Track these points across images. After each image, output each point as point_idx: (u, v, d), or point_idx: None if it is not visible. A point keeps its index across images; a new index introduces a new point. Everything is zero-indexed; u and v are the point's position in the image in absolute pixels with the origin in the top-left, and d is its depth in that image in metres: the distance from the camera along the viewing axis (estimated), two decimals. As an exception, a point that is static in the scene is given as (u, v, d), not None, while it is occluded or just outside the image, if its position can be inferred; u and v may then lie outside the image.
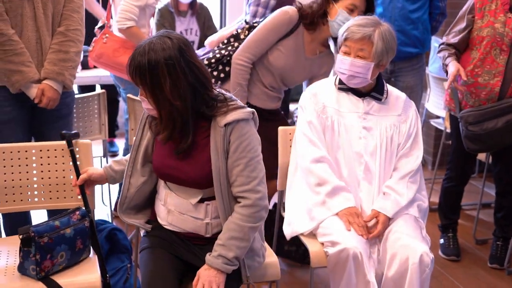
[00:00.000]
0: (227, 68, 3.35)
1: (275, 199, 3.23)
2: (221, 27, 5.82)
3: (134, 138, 2.47)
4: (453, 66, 3.36)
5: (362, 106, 2.77)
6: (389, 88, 2.85)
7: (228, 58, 3.34)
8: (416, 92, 4.18)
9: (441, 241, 3.91)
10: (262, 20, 3.34)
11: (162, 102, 2.19)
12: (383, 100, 2.79)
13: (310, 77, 3.40)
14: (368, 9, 3.17)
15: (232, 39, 3.42)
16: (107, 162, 4.11)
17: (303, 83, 3.53)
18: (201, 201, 2.33)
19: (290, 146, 2.92)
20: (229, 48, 3.37)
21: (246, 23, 3.53)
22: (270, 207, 3.32)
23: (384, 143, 2.73)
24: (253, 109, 2.31)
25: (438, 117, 4.99)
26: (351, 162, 2.72)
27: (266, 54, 3.28)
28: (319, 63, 3.36)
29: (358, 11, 3.13)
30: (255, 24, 3.38)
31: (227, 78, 3.33)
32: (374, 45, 2.66)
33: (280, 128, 2.96)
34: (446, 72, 3.45)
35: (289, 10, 3.24)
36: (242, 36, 3.38)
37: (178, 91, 2.17)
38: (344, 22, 2.94)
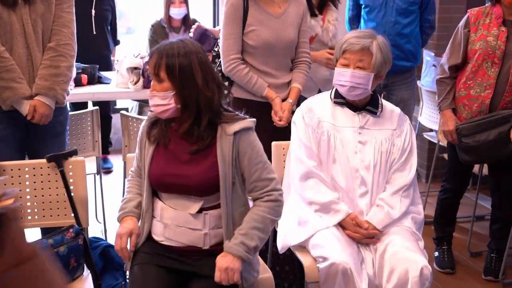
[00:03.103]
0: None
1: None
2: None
3: (135, 162, 2.48)
4: (450, 122, 3.51)
5: (357, 120, 2.77)
6: (384, 102, 2.87)
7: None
8: (409, 106, 4.21)
9: (436, 254, 3.90)
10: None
11: (191, 93, 2.24)
12: (378, 114, 2.80)
13: (298, 31, 3.40)
14: None
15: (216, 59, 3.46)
16: (100, 179, 4.10)
17: None
18: (199, 211, 2.32)
19: (284, 161, 2.92)
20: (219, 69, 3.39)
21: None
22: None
23: (379, 157, 2.74)
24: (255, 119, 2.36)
25: (431, 130, 5.00)
26: (347, 176, 2.72)
27: (245, 44, 3.29)
28: (290, 12, 3.37)
29: None
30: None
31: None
32: (374, 56, 2.68)
33: (274, 143, 2.96)
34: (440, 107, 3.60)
35: None
36: (218, 51, 3.42)
37: (208, 82, 2.26)
38: None
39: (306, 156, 2.73)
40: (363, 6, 4.27)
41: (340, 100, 2.80)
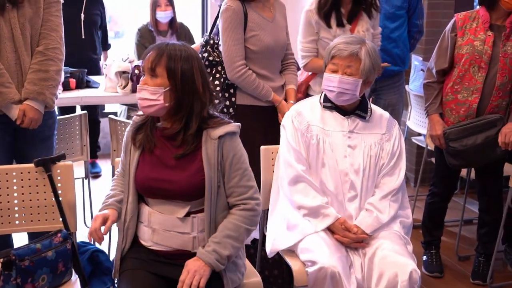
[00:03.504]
0: (233, 99, 3.37)
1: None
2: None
3: (120, 165, 2.48)
4: (438, 127, 3.52)
5: (347, 124, 2.78)
6: (373, 106, 2.88)
7: (227, 87, 3.36)
8: (397, 110, 4.22)
9: (424, 257, 3.91)
10: (218, 33, 3.38)
11: (188, 97, 2.26)
12: (367, 118, 2.81)
13: (286, 33, 3.47)
14: None
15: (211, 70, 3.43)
16: (88, 184, 4.08)
17: None
18: (187, 214, 2.32)
19: (273, 165, 2.92)
20: (218, 76, 3.38)
21: (205, 45, 3.49)
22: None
23: (368, 161, 2.75)
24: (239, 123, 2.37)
25: (419, 134, 5.03)
26: (337, 180, 2.72)
27: (247, 49, 3.30)
28: (278, 16, 3.42)
29: None
30: (212, 42, 3.42)
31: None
32: (362, 62, 2.70)
33: (263, 147, 2.96)
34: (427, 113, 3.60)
35: (229, 4, 3.27)
36: (215, 59, 3.39)
37: (205, 89, 2.29)
38: None
39: (295, 160, 2.74)
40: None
41: (329, 104, 2.81)
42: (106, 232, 2.32)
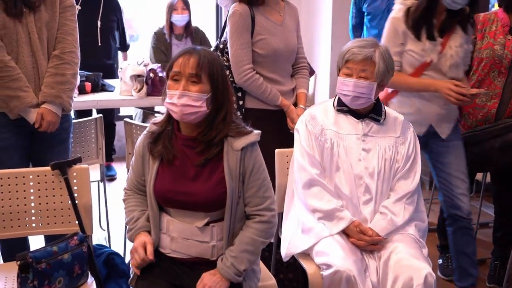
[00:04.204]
0: (240, 102, 3.37)
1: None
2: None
3: (132, 176, 2.45)
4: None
5: (361, 127, 2.78)
6: (387, 109, 2.87)
7: (235, 90, 3.36)
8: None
9: (440, 261, 3.89)
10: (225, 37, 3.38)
11: (223, 102, 2.29)
12: (381, 122, 2.80)
13: (296, 36, 3.45)
14: None
15: None
16: (104, 187, 4.10)
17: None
18: (206, 223, 2.33)
19: (287, 168, 2.92)
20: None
21: (215, 50, 3.52)
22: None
23: (383, 165, 2.74)
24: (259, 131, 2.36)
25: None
26: (351, 183, 2.72)
27: (254, 53, 3.31)
28: (288, 19, 3.40)
29: None
30: (222, 46, 3.43)
31: None
32: (376, 65, 2.69)
33: (277, 151, 2.97)
34: None
35: (236, 8, 3.28)
36: (224, 63, 3.40)
37: (232, 92, 2.33)
38: None
39: (309, 164, 2.74)
40: (365, 14, 4.28)
41: (343, 107, 2.80)
42: (153, 258, 2.31)
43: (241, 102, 3.36)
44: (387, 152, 2.76)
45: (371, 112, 2.79)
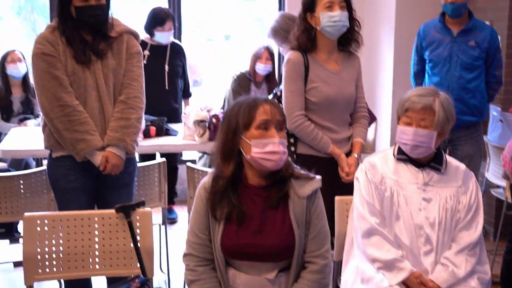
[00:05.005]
0: (292, 148, 3.40)
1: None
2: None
3: (192, 237, 2.39)
4: None
5: (421, 177, 2.75)
6: (448, 158, 2.84)
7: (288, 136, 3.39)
8: (475, 161, 4.14)
9: (504, 315, 3.78)
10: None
11: None
12: (442, 171, 2.77)
13: (355, 86, 3.44)
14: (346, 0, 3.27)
15: None
16: (165, 230, 4.16)
17: None
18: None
19: (347, 216, 2.91)
20: None
21: (273, 97, 3.64)
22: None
23: (444, 215, 2.70)
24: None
25: (498, 186, 4.90)
26: (412, 233, 2.69)
27: (307, 100, 3.34)
28: (347, 69, 3.41)
29: (338, 5, 3.23)
30: (279, 93, 3.51)
31: None
32: (436, 114, 2.67)
33: (337, 198, 2.96)
34: None
35: (289, 57, 3.34)
36: None
37: None
38: (332, 21, 3.18)
39: (369, 213, 2.72)
40: (427, 61, 4.27)
41: (403, 156, 2.79)
42: None
43: (292, 148, 3.38)
44: (449, 202, 2.72)
45: (432, 161, 2.77)
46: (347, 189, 3.18)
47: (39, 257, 2.67)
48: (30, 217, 2.69)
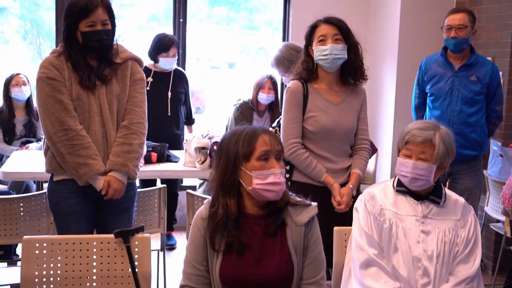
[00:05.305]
0: (287, 175, 3.40)
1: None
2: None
3: (189, 268, 2.37)
4: None
5: (420, 209, 2.76)
6: (447, 191, 2.84)
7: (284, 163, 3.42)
8: (474, 195, 4.16)
9: None
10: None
11: None
12: (441, 204, 2.78)
13: (357, 118, 3.47)
14: (343, 33, 3.31)
15: None
16: (164, 256, 4.15)
17: None
18: None
19: (345, 247, 2.92)
20: None
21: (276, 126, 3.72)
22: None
23: (442, 248, 2.70)
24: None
25: (498, 221, 4.90)
26: (410, 266, 2.68)
27: (304, 129, 3.38)
28: (349, 101, 3.43)
29: (330, 39, 3.28)
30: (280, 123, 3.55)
31: None
32: (436, 148, 2.69)
33: (336, 229, 2.96)
34: None
35: (289, 86, 3.41)
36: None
37: None
38: (323, 55, 3.25)
39: (367, 244, 2.72)
40: (428, 95, 4.31)
41: (402, 188, 2.80)
42: None
43: (287, 175, 3.40)
44: (447, 235, 2.72)
45: (431, 194, 2.78)
46: (342, 218, 3.19)
47: (37, 280, 2.67)
48: (29, 240, 2.69)
